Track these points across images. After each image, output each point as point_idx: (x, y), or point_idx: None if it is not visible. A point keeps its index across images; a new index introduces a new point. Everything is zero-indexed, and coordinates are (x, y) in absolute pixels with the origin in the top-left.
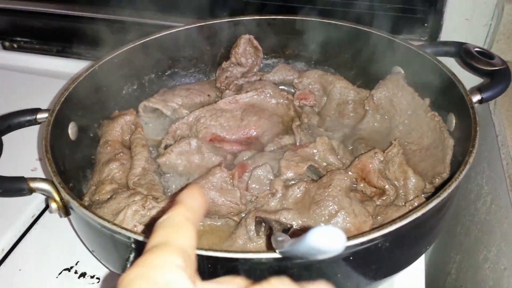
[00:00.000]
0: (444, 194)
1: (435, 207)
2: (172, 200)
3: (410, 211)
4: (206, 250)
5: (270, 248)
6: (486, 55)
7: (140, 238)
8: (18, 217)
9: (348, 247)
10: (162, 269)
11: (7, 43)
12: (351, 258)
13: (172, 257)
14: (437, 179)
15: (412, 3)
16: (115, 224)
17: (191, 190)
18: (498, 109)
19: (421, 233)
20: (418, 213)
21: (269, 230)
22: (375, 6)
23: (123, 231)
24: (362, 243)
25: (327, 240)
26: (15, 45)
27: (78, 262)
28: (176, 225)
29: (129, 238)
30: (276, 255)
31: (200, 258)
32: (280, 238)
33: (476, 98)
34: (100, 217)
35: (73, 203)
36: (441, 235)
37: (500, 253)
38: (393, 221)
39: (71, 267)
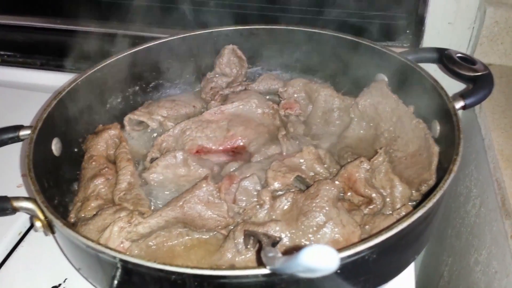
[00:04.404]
0: (429, 204)
1: (420, 217)
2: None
3: (397, 220)
4: (192, 268)
5: (260, 262)
6: (468, 61)
7: (125, 257)
8: (4, 235)
9: None
10: None
11: None
12: (338, 271)
13: None
14: (423, 186)
15: (393, 10)
16: (99, 244)
17: None
18: (484, 113)
19: (408, 242)
20: (404, 224)
21: (258, 243)
22: (357, 14)
23: (108, 251)
24: (349, 256)
25: (320, 259)
26: None
27: (66, 279)
28: None
29: (114, 257)
30: (264, 270)
31: (186, 276)
32: (270, 254)
33: (459, 104)
34: (84, 236)
35: (57, 223)
36: (433, 237)
37: (491, 256)
38: (379, 233)
39: (59, 285)
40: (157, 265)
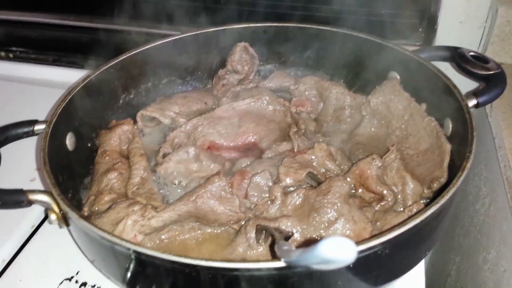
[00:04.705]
0: (442, 201)
1: (433, 214)
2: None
3: (409, 217)
4: (206, 260)
5: (273, 256)
6: (481, 59)
7: (140, 249)
8: (18, 228)
9: None
10: None
11: (2, 53)
12: (351, 266)
13: None
14: (435, 184)
15: (406, 9)
16: (114, 235)
17: None
18: (495, 112)
19: (420, 239)
20: (417, 220)
21: (270, 238)
22: (370, 12)
23: (123, 242)
24: (361, 251)
25: (339, 251)
26: (11, 55)
27: (78, 271)
28: None
29: (128, 248)
30: (279, 263)
31: (200, 268)
32: (285, 248)
33: (472, 102)
34: (99, 228)
35: (72, 215)
36: (442, 236)
37: (500, 255)
38: (392, 229)
39: (72, 277)
40: (172, 257)
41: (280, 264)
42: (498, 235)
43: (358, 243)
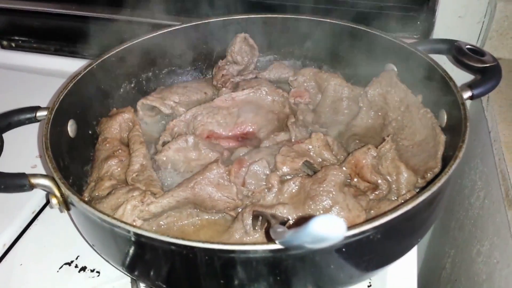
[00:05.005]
0: (434, 188)
1: (425, 200)
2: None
3: (401, 204)
4: (203, 242)
5: (269, 239)
6: (477, 53)
7: (139, 231)
8: (19, 213)
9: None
10: None
11: (5, 42)
12: (343, 249)
13: None
14: (429, 174)
15: (404, 2)
16: (114, 218)
17: None
18: (491, 105)
19: (412, 225)
20: (409, 206)
21: (266, 224)
22: (369, 5)
23: (123, 225)
24: (354, 235)
25: (329, 228)
26: (13, 44)
27: (78, 256)
28: None
29: (128, 231)
30: (274, 246)
31: (198, 250)
32: (279, 230)
33: (467, 94)
34: (100, 211)
35: (74, 198)
36: (436, 230)
37: (493, 247)
38: (384, 214)
39: (72, 261)
40: (170, 238)
41: (275, 246)
42: (492, 228)
43: (351, 227)
